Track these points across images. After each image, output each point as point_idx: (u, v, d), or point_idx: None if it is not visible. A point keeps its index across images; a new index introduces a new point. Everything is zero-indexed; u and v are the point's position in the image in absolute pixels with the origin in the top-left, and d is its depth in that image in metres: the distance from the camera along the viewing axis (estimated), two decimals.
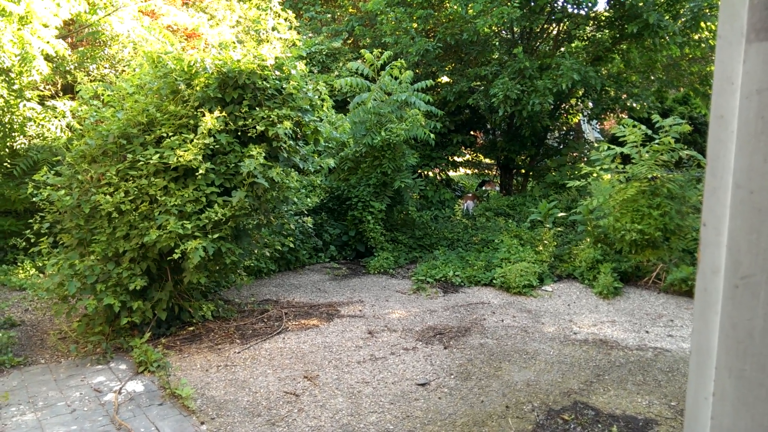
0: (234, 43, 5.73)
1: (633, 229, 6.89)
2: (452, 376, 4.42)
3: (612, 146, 7.72)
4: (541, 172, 13.14)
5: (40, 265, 6.89)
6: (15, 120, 7.41)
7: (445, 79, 12.68)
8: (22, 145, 7.66)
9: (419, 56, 11.22)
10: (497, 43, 12.45)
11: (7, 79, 7.26)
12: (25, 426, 3.56)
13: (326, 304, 6.24)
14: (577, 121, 14.83)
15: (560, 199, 9.99)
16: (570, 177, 10.94)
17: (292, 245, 6.36)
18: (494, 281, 7.01)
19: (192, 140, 4.74)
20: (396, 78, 8.98)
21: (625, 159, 7.68)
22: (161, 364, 4.43)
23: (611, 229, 7.24)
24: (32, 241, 5.10)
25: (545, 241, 7.79)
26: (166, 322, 5.17)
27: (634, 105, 12.34)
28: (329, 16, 14.56)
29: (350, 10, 14.92)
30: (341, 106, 11.21)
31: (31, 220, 5.10)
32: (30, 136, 7.63)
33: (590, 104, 13.04)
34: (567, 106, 13.39)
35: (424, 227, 9.18)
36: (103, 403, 3.89)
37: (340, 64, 12.33)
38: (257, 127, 4.94)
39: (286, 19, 12.28)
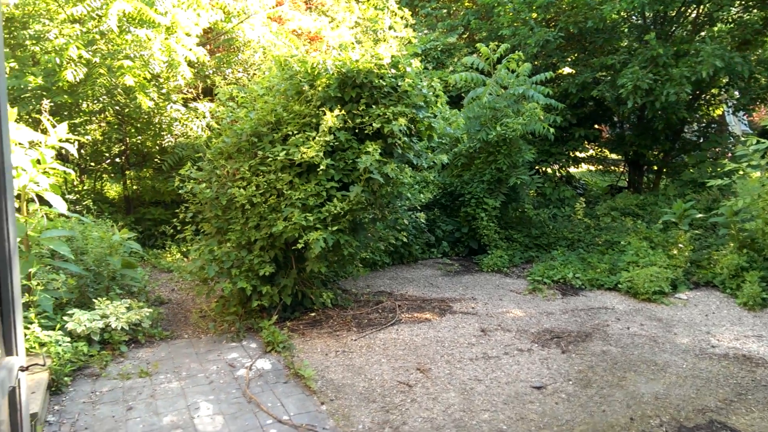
0: (353, 43, 5.93)
1: None
2: (570, 382, 4.22)
3: (762, 140, 6.83)
4: (677, 168, 11.99)
5: (185, 250, 7.71)
6: (163, 120, 8.37)
7: (566, 70, 12.03)
8: (170, 143, 8.61)
9: (538, 47, 10.76)
10: (626, 30, 11.55)
11: (157, 83, 8.20)
12: (171, 392, 4.03)
13: (438, 299, 6.26)
14: (720, 112, 13.29)
15: (698, 198, 9.04)
16: (711, 175, 9.94)
17: (405, 240, 6.46)
18: (619, 285, 6.56)
19: (314, 138, 5.00)
20: (513, 71, 8.72)
21: None
22: (286, 345, 4.76)
23: (760, 233, 6.42)
24: (178, 228, 5.75)
25: (680, 245, 7.10)
26: (291, 307, 5.54)
27: None
28: (445, 11, 14.50)
29: (466, 4, 14.74)
30: (456, 101, 11.12)
31: (177, 210, 5.73)
32: (176, 134, 8.56)
33: (736, 94, 11.61)
34: (708, 96, 12.05)
35: (541, 226, 8.83)
36: (236, 377, 4.27)
37: (455, 60, 12.23)
38: (373, 124, 5.09)
39: (402, 18, 12.47)
